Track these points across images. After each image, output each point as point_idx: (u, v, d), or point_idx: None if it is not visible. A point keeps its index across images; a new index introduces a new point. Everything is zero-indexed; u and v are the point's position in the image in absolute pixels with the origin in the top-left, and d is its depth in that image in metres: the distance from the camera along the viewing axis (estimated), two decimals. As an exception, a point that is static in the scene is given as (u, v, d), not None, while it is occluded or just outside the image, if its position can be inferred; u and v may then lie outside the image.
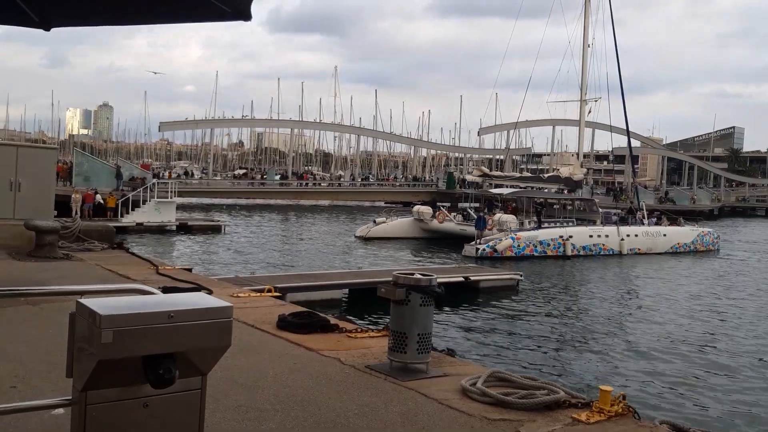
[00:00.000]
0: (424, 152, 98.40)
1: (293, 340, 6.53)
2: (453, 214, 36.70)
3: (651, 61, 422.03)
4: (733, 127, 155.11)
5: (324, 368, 5.64)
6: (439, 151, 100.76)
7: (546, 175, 43.17)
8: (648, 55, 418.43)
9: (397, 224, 36.29)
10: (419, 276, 5.53)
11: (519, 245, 30.13)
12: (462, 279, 18.89)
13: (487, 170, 43.78)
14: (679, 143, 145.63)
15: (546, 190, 39.56)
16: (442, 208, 37.65)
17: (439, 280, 5.75)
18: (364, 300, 15.72)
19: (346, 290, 16.97)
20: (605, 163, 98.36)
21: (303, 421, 4.43)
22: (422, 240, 35.15)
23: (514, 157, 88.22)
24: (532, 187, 39.31)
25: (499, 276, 20.61)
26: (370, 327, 7.60)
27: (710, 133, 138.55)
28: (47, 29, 3.87)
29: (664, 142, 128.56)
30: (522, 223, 33.18)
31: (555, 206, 37.97)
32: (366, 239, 34.26)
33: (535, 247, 30.63)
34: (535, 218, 34.13)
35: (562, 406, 4.74)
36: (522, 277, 21.10)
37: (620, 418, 4.60)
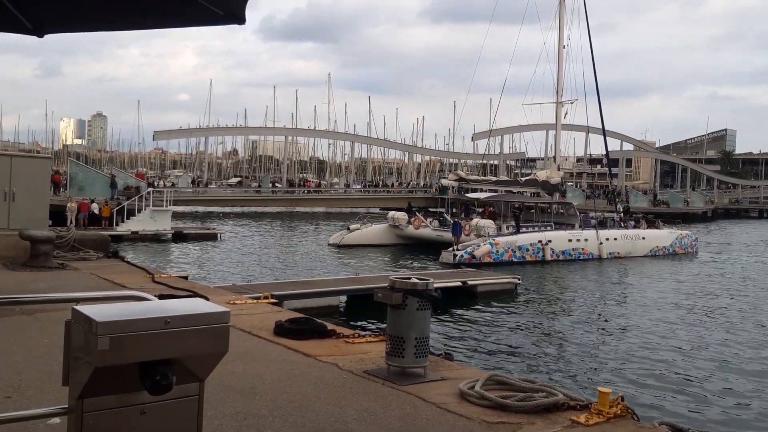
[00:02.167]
0: (418, 158, 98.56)
1: (290, 346, 6.51)
2: (429, 219, 35.80)
3: (644, 64, 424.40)
4: (726, 130, 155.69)
5: (322, 374, 5.62)
6: (433, 157, 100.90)
7: (523, 179, 42.64)
8: (641, 59, 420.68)
9: (371, 231, 35.24)
10: (416, 280, 5.54)
11: (497, 251, 29.42)
12: (460, 283, 18.87)
13: (463, 174, 43.11)
14: (672, 146, 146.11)
15: (539, 195, 39.18)
16: (417, 213, 36.70)
17: (436, 284, 5.75)
18: (363, 306, 15.70)
19: (344, 297, 16.95)
20: (599, 166, 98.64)
21: (301, 427, 4.41)
22: (398, 247, 34.21)
23: (508, 162, 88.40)
24: (516, 192, 38.65)
25: (496, 280, 20.58)
26: (368, 332, 7.58)
27: (703, 135, 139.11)
28: (40, 36, 3.86)
29: (657, 145, 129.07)
30: (500, 228, 32.53)
31: (532, 210, 37.21)
32: (339, 247, 33.35)
33: (514, 252, 29.95)
34: (513, 223, 33.41)
35: (561, 409, 4.74)
36: (520, 281, 21.07)
37: (619, 419, 4.59)
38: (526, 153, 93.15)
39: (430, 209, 43.49)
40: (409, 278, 5.62)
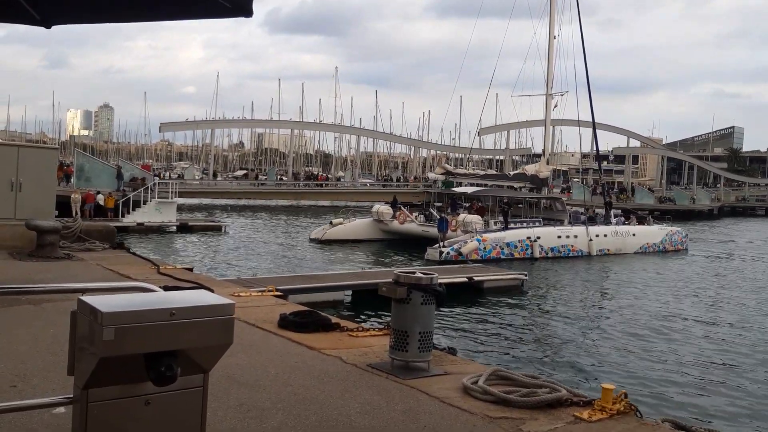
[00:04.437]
0: (424, 153, 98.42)
1: (295, 338, 6.52)
2: (415, 214, 34.76)
3: (650, 61, 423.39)
4: (733, 127, 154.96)
5: (325, 367, 5.64)
6: (439, 152, 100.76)
7: (512, 173, 41.94)
8: (647, 56, 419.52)
9: (355, 225, 34.12)
10: (420, 275, 5.54)
11: (485, 247, 28.40)
12: (465, 279, 18.83)
13: (450, 168, 42.28)
14: (679, 143, 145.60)
15: (527, 189, 38.04)
16: (402, 207, 35.55)
17: (442, 280, 5.76)
18: (368, 301, 15.70)
19: (349, 291, 16.95)
20: (605, 163, 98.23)
21: (305, 420, 4.43)
22: (382, 242, 33.14)
23: (514, 157, 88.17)
24: (502, 186, 37.81)
25: (503, 276, 20.50)
26: (372, 326, 7.60)
27: (710, 133, 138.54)
28: (48, 27, 3.87)
29: (663, 142, 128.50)
30: (488, 224, 31.53)
31: (520, 205, 36.17)
32: (321, 242, 32.31)
33: (502, 249, 28.97)
34: (501, 218, 32.10)
35: (564, 405, 4.74)
36: (527, 277, 20.98)
37: (622, 416, 4.59)
38: (533, 148, 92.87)
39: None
40: (414, 272, 5.63)
